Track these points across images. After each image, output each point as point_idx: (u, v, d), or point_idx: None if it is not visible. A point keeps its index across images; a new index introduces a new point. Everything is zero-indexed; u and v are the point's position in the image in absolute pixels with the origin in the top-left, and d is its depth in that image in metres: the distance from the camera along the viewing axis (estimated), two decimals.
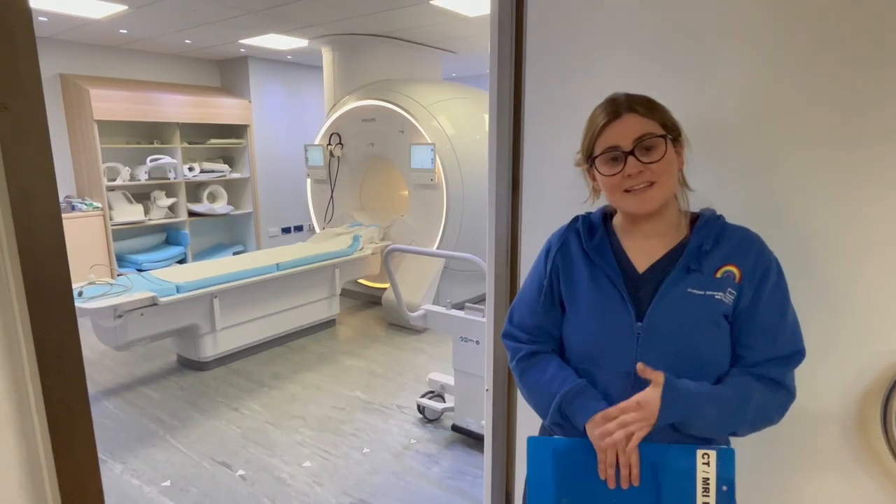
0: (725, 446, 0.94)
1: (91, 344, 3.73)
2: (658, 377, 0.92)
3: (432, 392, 3.10)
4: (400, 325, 4.56)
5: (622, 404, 0.94)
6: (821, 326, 1.16)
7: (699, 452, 0.92)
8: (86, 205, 5.10)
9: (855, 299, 1.16)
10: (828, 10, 1.11)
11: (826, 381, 1.19)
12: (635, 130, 0.95)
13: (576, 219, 1.12)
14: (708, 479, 0.92)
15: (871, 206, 1.12)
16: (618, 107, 0.98)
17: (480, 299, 4.59)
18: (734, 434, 0.98)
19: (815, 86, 1.14)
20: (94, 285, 3.20)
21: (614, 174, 0.97)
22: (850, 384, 1.19)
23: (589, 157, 1.02)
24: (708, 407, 0.92)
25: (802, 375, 1.00)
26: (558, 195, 1.50)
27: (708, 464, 0.92)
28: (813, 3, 1.12)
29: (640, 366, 0.94)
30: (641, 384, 0.94)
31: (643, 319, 0.97)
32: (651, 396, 0.92)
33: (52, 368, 0.82)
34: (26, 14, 0.79)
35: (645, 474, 0.92)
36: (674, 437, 0.96)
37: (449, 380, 2.95)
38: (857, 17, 1.09)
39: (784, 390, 0.97)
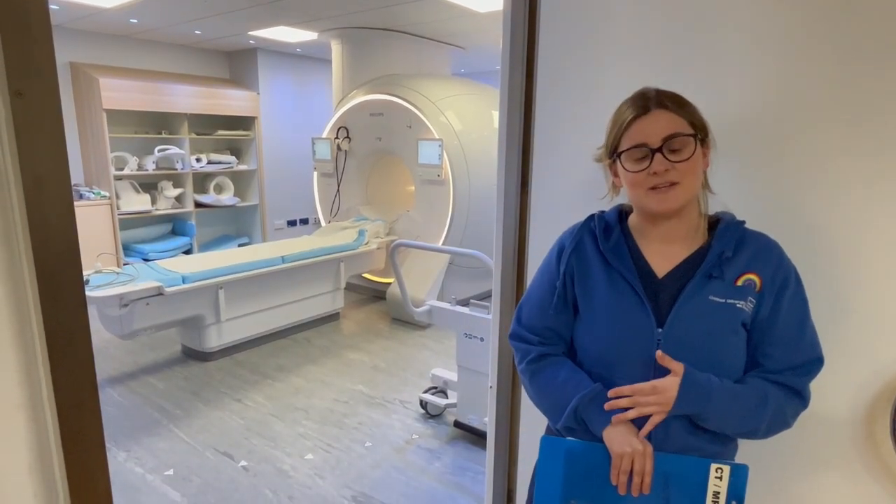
0: (740, 462, 0.93)
1: (96, 332, 3.75)
2: (678, 367, 0.92)
3: (435, 388, 3.10)
4: (404, 320, 4.57)
5: (636, 385, 0.94)
6: (830, 333, 1.15)
7: (713, 467, 0.92)
8: (93, 193, 5.13)
9: (865, 306, 1.16)
10: (852, 9, 1.10)
11: (835, 387, 1.18)
12: (664, 128, 0.93)
13: (590, 218, 1.09)
14: (719, 493, 0.91)
15: (888, 214, 1.11)
16: (647, 101, 0.95)
17: (485, 296, 4.58)
18: (751, 436, 0.98)
19: (836, 90, 1.13)
20: (100, 274, 3.21)
21: (639, 171, 0.95)
22: (859, 391, 1.18)
23: (613, 152, 1.00)
24: (725, 401, 0.92)
25: (812, 381, 1.00)
26: (568, 194, 1.49)
27: (721, 478, 0.91)
28: (835, 1, 1.11)
29: (659, 353, 0.93)
30: None
31: (663, 326, 0.95)
32: (669, 384, 0.92)
33: (62, 355, 0.82)
34: (42, 1, 0.79)
35: (656, 483, 0.92)
36: (689, 439, 0.95)
37: (452, 376, 2.95)
38: (882, 18, 1.07)
39: (799, 398, 0.97)
